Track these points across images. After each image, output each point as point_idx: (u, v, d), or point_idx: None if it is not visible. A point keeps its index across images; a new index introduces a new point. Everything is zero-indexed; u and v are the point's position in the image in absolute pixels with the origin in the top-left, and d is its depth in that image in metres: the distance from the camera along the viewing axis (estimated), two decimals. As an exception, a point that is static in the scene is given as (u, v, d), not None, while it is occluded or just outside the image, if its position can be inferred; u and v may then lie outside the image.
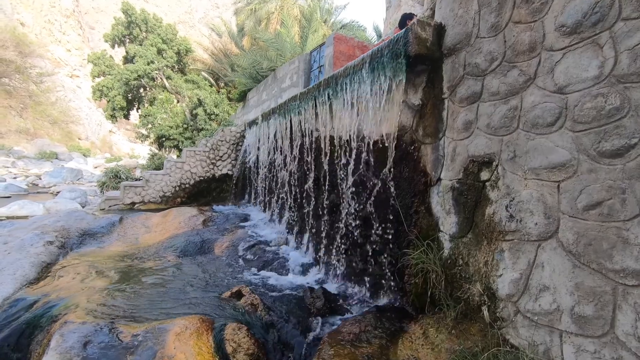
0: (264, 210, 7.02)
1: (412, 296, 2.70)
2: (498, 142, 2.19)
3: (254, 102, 13.97)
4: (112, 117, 17.27)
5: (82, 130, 35.63)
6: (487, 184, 2.25)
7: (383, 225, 3.16)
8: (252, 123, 6.91)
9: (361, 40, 11.91)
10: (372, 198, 3.31)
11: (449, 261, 2.48)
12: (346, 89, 3.62)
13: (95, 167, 25.50)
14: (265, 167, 6.89)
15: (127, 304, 3.11)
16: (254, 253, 4.88)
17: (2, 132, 25.44)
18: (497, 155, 2.19)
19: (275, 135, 6.33)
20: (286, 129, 5.71)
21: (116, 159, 28.46)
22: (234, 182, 8.72)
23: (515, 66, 2.12)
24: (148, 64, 16.71)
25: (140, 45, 17.57)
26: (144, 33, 18.08)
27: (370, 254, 3.33)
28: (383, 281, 3.13)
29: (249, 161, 8.15)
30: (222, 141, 8.81)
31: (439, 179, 2.65)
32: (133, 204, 7.94)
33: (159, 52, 17.54)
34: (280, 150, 5.98)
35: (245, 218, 6.58)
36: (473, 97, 2.40)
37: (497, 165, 2.19)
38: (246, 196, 8.43)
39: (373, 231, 3.28)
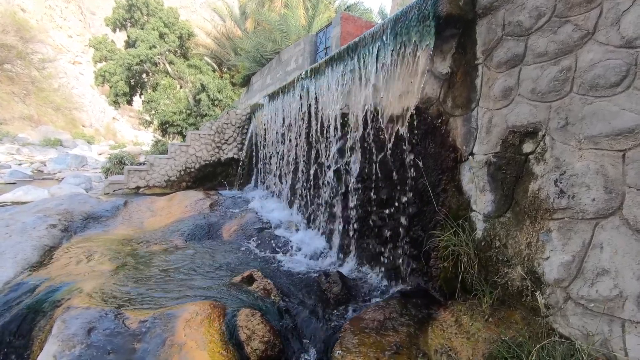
0: (273, 194, 6.83)
1: (439, 281, 2.50)
2: (545, 109, 1.94)
3: (258, 87, 13.65)
4: (115, 103, 17.05)
5: (85, 117, 35.48)
6: (530, 157, 2.01)
7: (405, 206, 2.94)
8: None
9: (369, 20, 11.45)
10: (393, 177, 3.08)
11: (483, 243, 2.26)
12: (363, 60, 3.35)
13: (100, 154, 25.41)
14: (275, 147, 6.66)
15: (133, 289, 2.94)
16: (264, 237, 4.70)
17: (6, 119, 25.31)
18: (543, 124, 1.94)
19: (283, 116, 6.08)
20: (299, 107, 5.45)
21: (120, 146, 28.34)
22: (241, 165, 8.51)
23: (569, 21, 1.84)
24: (150, 48, 16.34)
25: (142, 29, 17.17)
26: (145, 17, 17.65)
27: (389, 236, 3.12)
28: (405, 265, 2.93)
29: (259, 142, 7.91)
30: (227, 124, 8.56)
31: (471, 154, 2.41)
32: (137, 188, 7.78)
33: (161, 36, 17.15)
34: (291, 130, 5.74)
35: (254, 201, 6.38)
36: (514, 61, 2.13)
37: (543, 136, 1.94)
38: (253, 180, 8.22)
39: (393, 212, 3.06)
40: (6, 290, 2.85)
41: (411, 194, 2.89)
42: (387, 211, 3.17)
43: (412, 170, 2.89)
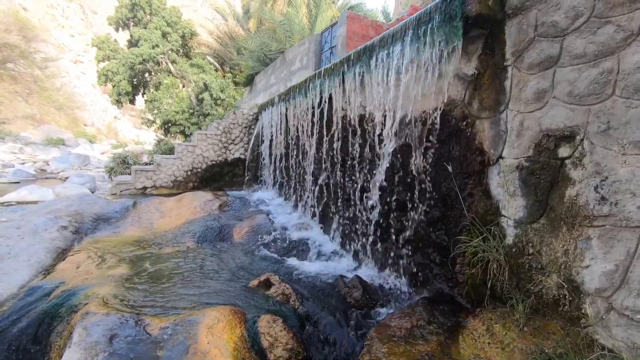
0: (282, 195, 6.77)
1: (466, 287, 2.44)
2: (584, 113, 1.88)
3: (262, 86, 13.58)
4: (118, 102, 16.98)
5: (87, 117, 35.43)
6: (567, 161, 1.95)
7: (428, 209, 2.89)
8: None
9: (374, 20, 11.40)
10: (415, 180, 3.03)
11: (514, 249, 2.20)
12: (382, 61, 3.29)
13: (102, 153, 25.38)
14: (284, 147, 6.60)
15: (150, 293, 2.89)
16: (276, 239, 4.65)
17: (9, 118, 25.28)
18: (582, 128, 1.88)
19: (294, 116, 6.02)
20: (310, 108, 5.40)
21: (122, 145, 28.29)
22: (248, 166, 8.46)
23: (610, 22, 1.78)
24: (153, 47, 16.28)
25: (145, 28, 17.10)
26: (148, 16, 17.57)
27: (411, 240, 3.07)
28: (428, 270, 2.87)
29: (268, 143, 7.85)
30: (234, 124, 8.50)
31: (500, 158, 2.35)
32: (144, 188, 7.73)
33: (164, 35, 17.07)
34: (303, 131, 5.68)
35: (263, 203, 6.34)
36: (548, 62, 2.07)
37: (581, 140, 1.88)
38: (261, 181, 8.17)
39: (416, 215, 3.01)
40: (22, 294, 2.81)
41: (436, 198, 2.83)
42: (408, 214, 3.11)
43: (437, 172, 2.83)
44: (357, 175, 3.97)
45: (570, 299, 1.86)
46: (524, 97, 2.21)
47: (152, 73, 17.02)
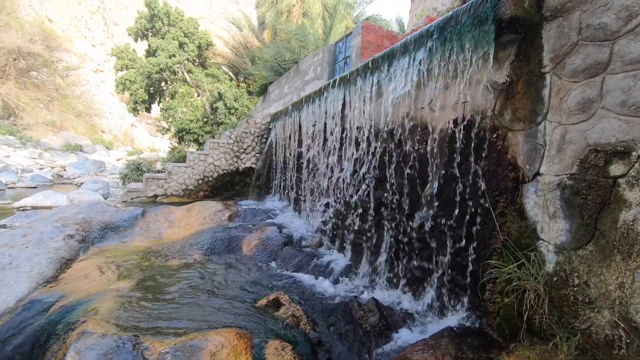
0: (294, 207, 6.59)
1: (498, 318, 2.18)
2: (641, 125, 1.64)
3: (275, 96, 13.60)
4: (134, 110, 17.26)
5: (105, 124, 36.33)
6: (620, 180, 1.71)
7: (453, 228, 2.65)
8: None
9: (389, 30, 11.31)
10: (438, 196, 2.80)
11: (555, 279, 1.95)
12: (402, 69, 3.11)
13: (118, 160, 25.85)
14: (296, 158, 6.45)
15: (151, 311, 2.72)
16: (285, 253, 4.45)
17: (30, 124, 26.06)
18: (639, 143, 1.64)
19: (313, 125, 5.87)
20: (327, 116, 5.24)
21: (137, 152, 28.79)
22: (260, 175, 8.34)
23: (672, 22, 1.56)
24: (170, 57, 16.57)
25: (162, 38, 17.46)
26: (166, 26, 17.96)
27: (433, 261, 2.82)
28: (452, 295, 2.62)
29: (280, 153, 7.73)
30: (246, 133, 8.43)
31: (537, 174, 2.11)
32: (155, 196, 7.67)
33: (181, 45, 17.38)
34: (314, 141, 5.52)
35: (273, 214, 6.17)
36: (595, 69, 1.85)
37: (638, 157, 1.64)
38: (272, 191, 8.02)
39: (437, 234, 2.77)
40: (20, 308, 2.67)
41: (462, 216, 2.59)
42: (429, 233, 2.88)
43: (461, 189, 2.60)
44: (374, 189, 3.76)
45: (629, 341, 1.59)
46: (565, 108, 1.98)
47: (168, 82, 17.31)
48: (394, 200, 3.35)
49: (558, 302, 1.92)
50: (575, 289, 1.84)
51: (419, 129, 3.09)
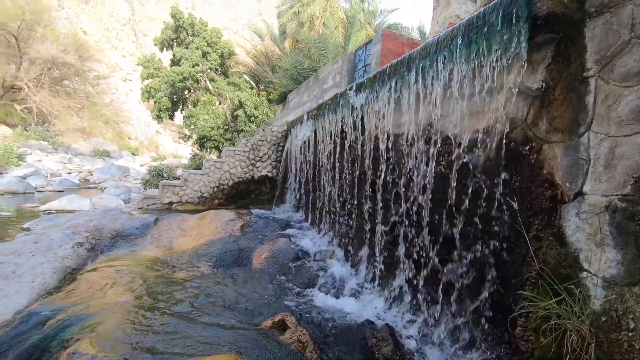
0: (308, 219, 6.39)
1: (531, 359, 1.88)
2: None
3: (294, 104, 13.58)
4: (158, 118, 17.73)
5: (132, 130, 37.76)
6: (689, 205, 1.40)
7: (477, 251, 2.37)
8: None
9: (410, 38, 11.06)
10: (460, 215, 2.53)
11: (604, 319, 1.64)
12: (424, 74, 2.88)
13: (142, 165, 26.65)
14: (312, 168, 6.27)
15: (149, 330, 2.57)
16: (296, 268, 4.24)
17: (61, 130, 27.39)
18: None
19: (323, 136, 5.70)
20: (342, 125, 5.05)
21: (161, 158, 29.61)
22: (275, 184, 8.22)
23: None
24: (193, 66, 16.96)
25: (187, 48, 17.93)
26: (190, 37, 18.44)
27: (454, 286, 2.54)
28: (476, 326, 2.33)
29: (296, 162, 7.58)
30: (262, 141, 8.35)
31: (580, 193, 1.82)
32: (171, 203, 7.69)
33: (204, 55, 17.78)
34: (331, 152, 5.33)
35: (287, 225, 5.99)
36: (652, 71, 1.56)
37: None
38: (287, 200, 7.87)
39: (459, 257, 2.49)
40: (17, 321, 2.59)
41: (490, 238, 2.31)
42: (449, 255, 2.60)
43: (488, 208, 2.32)
44: (394, 205, 3.51)
45: None
46: (615, 117, 1.69)
47: (191, 90, 17.70)
48: (413, 222, 3.09)
49: (608, 347, 1.61)
50: (630, 334, 1.53)
51: (442, 140, 2.83)
